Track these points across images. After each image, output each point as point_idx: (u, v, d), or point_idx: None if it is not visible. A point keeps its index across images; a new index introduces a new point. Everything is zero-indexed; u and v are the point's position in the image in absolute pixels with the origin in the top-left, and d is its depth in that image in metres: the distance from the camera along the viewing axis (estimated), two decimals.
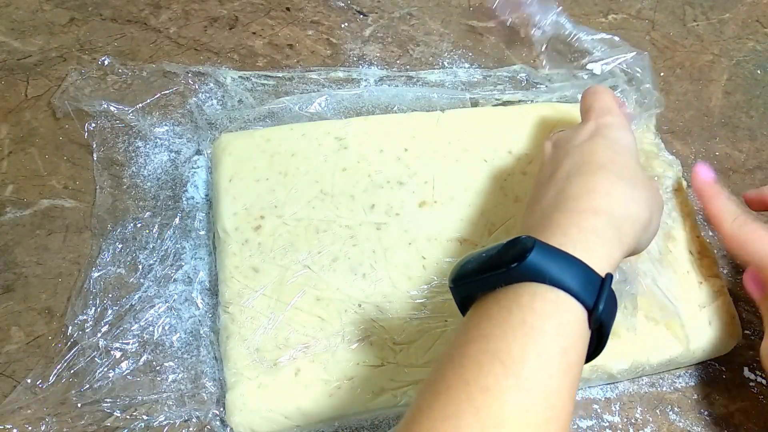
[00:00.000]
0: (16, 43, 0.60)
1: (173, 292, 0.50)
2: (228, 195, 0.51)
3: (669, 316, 0.47)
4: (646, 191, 0.39)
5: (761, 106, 0.64)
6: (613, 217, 0.36)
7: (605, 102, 0.44)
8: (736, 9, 0.70)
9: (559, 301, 0.32)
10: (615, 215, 0.36)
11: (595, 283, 0.33)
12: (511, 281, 0.33)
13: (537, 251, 0.33)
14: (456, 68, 0.62)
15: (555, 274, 0.32)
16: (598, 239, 0.35)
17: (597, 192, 0.37)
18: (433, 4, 0.67)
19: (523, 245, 0.33)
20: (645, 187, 0.39)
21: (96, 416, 0.45)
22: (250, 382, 0.45)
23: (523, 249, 0.33)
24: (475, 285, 0.35)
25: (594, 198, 0.37)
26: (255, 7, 0.65)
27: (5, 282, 0.49)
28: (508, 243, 0.34)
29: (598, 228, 0.35)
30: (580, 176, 0.39)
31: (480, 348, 0.31)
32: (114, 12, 0.63)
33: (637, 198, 0.38)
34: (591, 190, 0.37)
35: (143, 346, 0.47)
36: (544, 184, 0.41)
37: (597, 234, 0.35)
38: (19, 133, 0.56)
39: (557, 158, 0.42)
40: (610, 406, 0.48)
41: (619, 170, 0.39)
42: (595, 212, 0.36)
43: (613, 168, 0.39)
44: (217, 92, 0.59)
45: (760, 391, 0.50)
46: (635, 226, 0.37)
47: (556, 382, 0.30)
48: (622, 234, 0.36)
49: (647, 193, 0.39)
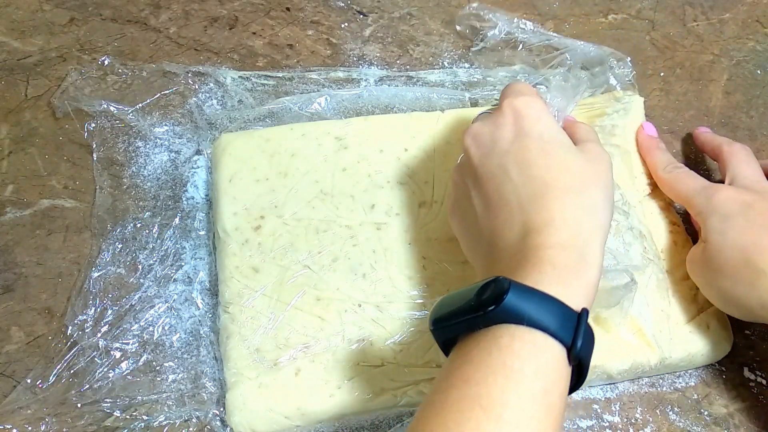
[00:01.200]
0: (16, 43, 0.60)
1: (173, 292, 0.50)
2: (228, 195, 0.51)
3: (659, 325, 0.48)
4: (593, 184, 0.39)
5: (761, 106, 0.64)
6: (580, 245, 0.36)
7: (516, 86, 0.44)
8: (736, 9, 0.69)
9: (538, 341, 0.32)
10: (580, 242, 0.36)
11: (572, 320, 0.33)
12: (490, 324, 0.33)
13: (513, 293, 0.33)
14: (456, 68, 0.62)
15: (532, 314, 0.32)
16: (572, 273, 0.35)
17: (556, 223, 0.37)
18: (433, 4, 0.67)
19: (499, 287, 0.33)
20: (590, 178, 0.39)
21: (96, 416, 0.45)
22: (250, 382, 0.45)
23: (499, 291, 0.33)
24: (454, 328, 0.35)
25: (556, 230, 0.36)
26: (255, 7, 0.65)
27: (5, 282, 0.49)
28: (485, 284, 0.34)
29: (571, 262, 0.35)
30: (533, 204, 0.38)
31: (461, 393, 0.32)
32: (114, 12, 0.63)
33: (590, 205, 0.38)
34: (550, 222, 0.37)
35: (143, 346, 0.47)
36: (496, 209, 0.40)
37: (570, 268, 0.35)
38: (19, 133, 0.56)
39: (488, 168, 0.41)
40: (610, 406, 0.48)
41: (563, 180, 0.38)
42: (563, 246, 0.36)
43: (558, 182, 0.38)
44: (217, 92, 0.59)
45: (760, 391, 0.50)
46: (600, 233, 0.37)
47: (537, 423, 0.31)
48: (591, 252, 0.36)
49: (593, 180, 0.39)
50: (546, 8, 0.68)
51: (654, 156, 0.54)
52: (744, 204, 0.46)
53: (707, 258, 0.46)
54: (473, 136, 0.43)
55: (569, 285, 0.34)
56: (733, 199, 0.46)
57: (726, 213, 0.46)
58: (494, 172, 0.40)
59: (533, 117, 0.41)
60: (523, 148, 0.40)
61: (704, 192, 0.48)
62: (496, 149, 0.41)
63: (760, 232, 0.44)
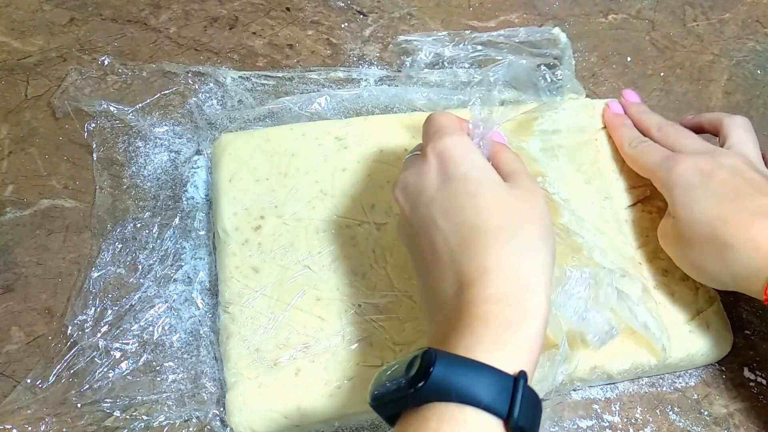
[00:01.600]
0: (16, 43, 0.60)
1: (173, 292, 0.50)
2: (228, 195, 0.51)
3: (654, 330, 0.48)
4: (527, 221, 0.36)
5: (761, 106, 0.64)
6: (518, 292, 0.33)
7: (437, 122, 0.41)
8: (736, 9, 0.70)
9: (468, 420, 0.30)
10: (518, 288, 0.33)
11: (508, 388, 0.30)
12: (420, 402, 0.31)
13: (440, 366, 0.30)
14: (456, 68, 0.62)
15: (461, 389, 0.30)
16: (508, 330, 0.32)
17: (489, 272, 0.34)
18: (433, 4, 0.67)
19: (426, 360, 0.31)
20: (523, 215, 0.36)
21: (96, 416, 0.45)
22: (250, 382, 0.45)
23: (426, 365, 0.30)
24: (390, 406, 0.32)
25: (490, 281, 0.33)
26: (255, 7, 0.65)
27: (5, 282, 0.49)
28: (413, 359, 0.32)
29: (507, 316, 0.32)
30: (464, 254, 0.35)
31: None
32: (114, 12, 0.63)
33: (526, 245, 0.35)
34: (482, 273, 0.34)
35: (143, 346, 0.47)
36: (430, 264, 0.37)
37: (506, 324, 0.32)
38: (19, 133, 0.56)
39: (418, 220, 0.38)
40: (610, 406, 0.48)
41: (494, 221, 0.36)
42: (498, 299, 0.33)
43: (489, 224, 0.35)
44: (217, 92, 0.59)
45: (760, 391, 0.50)
46: (541, 273, 0.35)
47: None
48: (532, 298, 0.33)
49: (527, 216, 0.36)
50: (546, 8, 0.68)
51: (619, 133, 0.54)
52: (703, 174, 0.45)
53: (677, 233, 0.46)
54: (401, 188, 0.40)
55: (505, 345, 0.32)
56: (692, 170, 0.46)
57: (687, 184, 0.46)
58: (424, 224, 0.38)
59: (457, 159, 0.38)
60: (449, 194, 0.37)
61: (665, 164, 0.48)
62: (422, 199, 0.38)
63: (723, 203, 0.44)
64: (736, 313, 0.52)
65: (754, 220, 0.42)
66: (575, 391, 0.48)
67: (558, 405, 0.47)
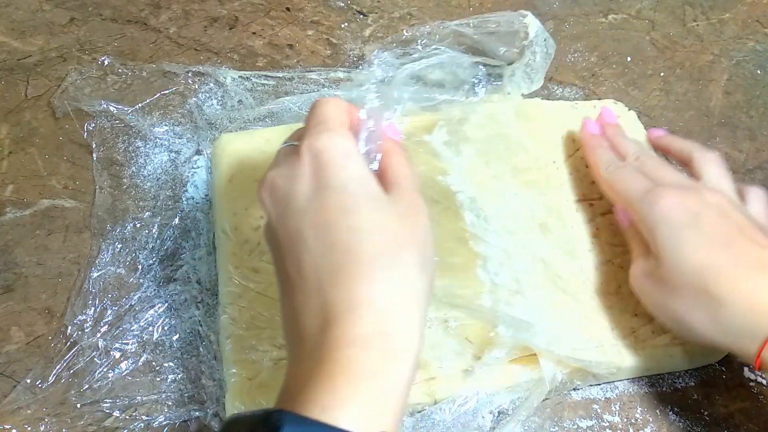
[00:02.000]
0: (16, 43, 0.60)
1: (173, 292, 0.50)
2: (228, 195, 0.51)
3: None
4: (407, 246, 0.32)
5: (761, 106, 0.64)
6: (390, 331, 0.30)
7: (321, 112, 0.36)
8: (736, 9, 0.70)
9: None
10: (390, 327, 0.30)
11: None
12: None
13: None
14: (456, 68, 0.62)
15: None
16: (371, 382, 0.29)
17: (358, 307, 0.30)
18: (433, 4, 0.67)
19: (272, 425, 0.26)
20: (403, 238, 0.33)
21: (95, 416, 0.45)
22: (250, 382, 0.44)
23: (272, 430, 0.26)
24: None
25: (358, 317, 0.30)
26: (255, 7, 0.65)
27: (5, 282, 0.49)
28: (261, 418, 0.27)
29: (372, 364, 0.29)
30: (333, 282, 0.31)
31: None
32: (114, 12, 0.63)
33: (404, 275, 0.31)
34: (351, 307, 0.30)
35: (143, 347, 0.47)
36: (295, 286, 0.32)
37: (370, 375, 0.29)
38: (19, 133, 0.56)
39: (286, 231, 0.33)
40: (610, 406, 0.48)
41: (370, 245, 0.31)
42: (364, 342, 0.29)
43: (364, 248, 0.31)
44: (217, 92, 0.59)
45: (760, 391, 0.50)
46: (416, 308, 0.31)
47: None
48: (404, 338, 0.30)
49: (408, 239, 0.33)
50: (546, 8, 0.68)
51: (596, 154, 0.50)
52: (691, 213, 0.42)
53: (660, 278, 0.42)
54: (268, 187, 0.35)
55: (368, 402, 0.28)
56: (678, 207, 0.42)
57: (674, 223, 0.42)
58: (291, 238, 0.33)
59: (335, 164, 0.33)
60: (323, 208, 0.32)
61: (647, 196, 0.44)
62: (291, 208, 0.33)
63: (714, 249, 0.40)
64: None
65: (750, 276, 0.39)
66: (575, 391, 0.48)
67: (558, 405, 0.47)
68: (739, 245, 0.40)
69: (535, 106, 0.57)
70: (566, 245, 0.50)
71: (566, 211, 0.52)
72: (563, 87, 0.63)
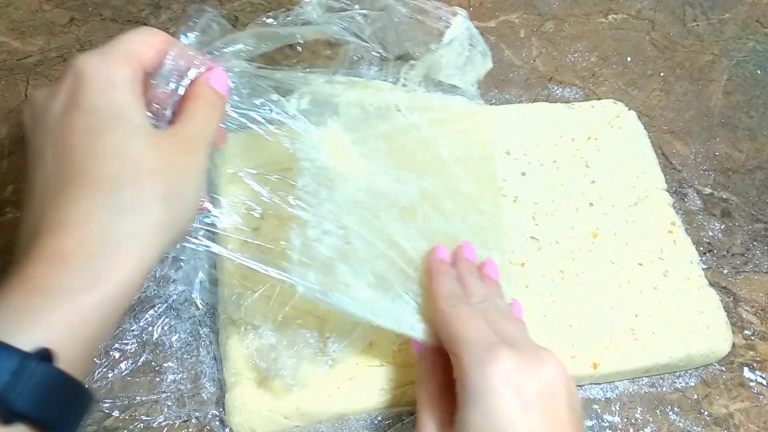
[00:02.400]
0: (16, 43, 0.60)
1: (173, 292, 0.50)
2: (228, 195, 0.51)
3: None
4: (153, 177, 0.31)
5: (761, 106, 0.64)
6: (93, 254, 0.29)
7: (119, 39, 0.34)
8: (736, 9, 0.70)
9: None
10: (94, 249, 0.29)
11: (11, 368, 0.26)
12: None
13: None
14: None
15: None
16: (52, 299, 0.28)
17: (65, 227, 0.29)
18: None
19: None
20: (152, 169, 0.31)
21: (95, 416, 0.45)
22: (249, 382, 0.44)
23: None
24: None
25: (63, 236, 0.29)
26: (255, 7, 0.65)
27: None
28: None
29: (60, 283, 0.28)
30: (52, 200, 0.30)
31: None
32: (114, 12, 0.63)
33: (128, 205, 0.30)
34: (58, 226, 0.29)
35: (142, 347, 0.47)
36: (26, 204, 0.32)
37: (53, 293, 0.28)
38: (19, 133, 0.56)
39: (32, 146, 0.33)
40: (610, 406, 0.48)
41: (106, 168, 0.30)
42: (61, 259, 0.28)
43: (97, 170, 0.30)
44: None
45: (760, 391, 0.49)
46: (138, 242, 0.30)
47: None
48: (111, 266, 0.29)
49: (156, 175, 0.32)
50: (546, 8, 0.68)
51: (439, 283, 0.42)
52: (523, 402, 0.34)
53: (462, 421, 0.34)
54: (29, 104, 0.34)
55: (38, 319, 0.27)
56: (511, 384, 0.34)
57: (499, 395, 0.34)
58: (35, 153, 0.32)
59: (93, 86, 0.32)
60: (68, 127, 0.31)
61: (481, 356, 0.35)
62: (42, 124, 0.32)
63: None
64: (736, 313, 0.52)
65: None
66: None
67: None
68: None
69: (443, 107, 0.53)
70: (432, 236, 0.46)
71: (457, 206, 0.48)
72: (563, 87, 0.63)
